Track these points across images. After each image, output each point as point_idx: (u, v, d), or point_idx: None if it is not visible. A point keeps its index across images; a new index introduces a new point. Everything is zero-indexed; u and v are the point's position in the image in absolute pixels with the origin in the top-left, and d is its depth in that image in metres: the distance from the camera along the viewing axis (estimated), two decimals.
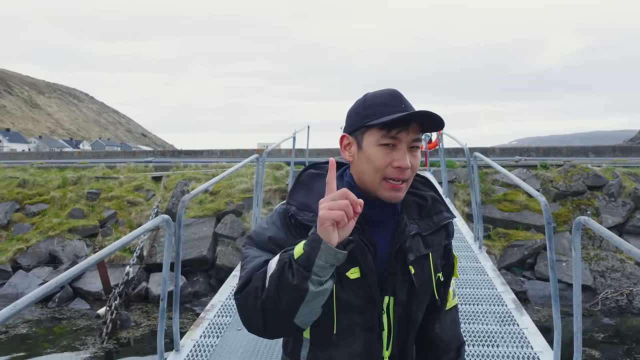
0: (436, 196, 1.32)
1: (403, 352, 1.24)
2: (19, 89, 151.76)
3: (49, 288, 1.85)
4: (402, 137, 1.16)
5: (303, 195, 1.24)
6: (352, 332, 1.19)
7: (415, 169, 1.21)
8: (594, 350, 6.55)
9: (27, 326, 7.65)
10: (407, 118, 1.15)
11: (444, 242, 1.30)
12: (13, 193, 11.66)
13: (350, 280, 1.16)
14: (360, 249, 1.16)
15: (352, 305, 1.18)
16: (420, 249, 1.23)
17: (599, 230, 2.29)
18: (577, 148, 15.79)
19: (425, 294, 1.26)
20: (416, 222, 1.25)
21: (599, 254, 9.06)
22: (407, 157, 1.16)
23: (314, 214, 1.15)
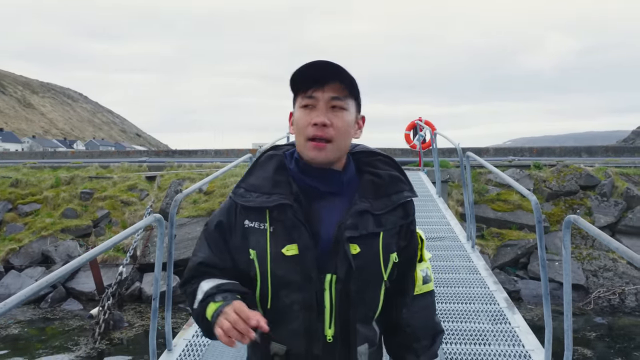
0: (397, 175, 1.30)
1: (346, 332, 1.22)
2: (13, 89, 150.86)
3: (40, 287, 1.84)
4: (318, 96, 1.20)
5: (255, 177, 1.28)
6: (291, 310, 1.21)
7: (341, 129, 1.20)
8: (586, 349, 6.59)
9: (19, 327, 7.60)
10: (304, 71, 1.18)
11: (400, 222, 1.27)
12: (5, 193, 11.59)
13: (286, 257, 1.19)
14: (295, 226, 1.20)
15: (291, 282, 1.20)
16: (368, 227, 1.21)
17: (588, 228, 2.31)
18: (570, 148, 15.88)
19: (373, 275, 1.23)
20: (369, 201, 1.24)
21: (592, 254, 9.11)
22: (325, 115, 1.19)
23: (259, 194, 1.23)
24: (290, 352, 1.22)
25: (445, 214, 6.73)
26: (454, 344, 3.33)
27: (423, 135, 11.34)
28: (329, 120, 1.19)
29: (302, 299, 1.20)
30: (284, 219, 1.20)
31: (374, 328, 1.29)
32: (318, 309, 1.20)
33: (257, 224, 1.22)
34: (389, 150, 15.29)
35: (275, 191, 1.23)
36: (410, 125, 12.33)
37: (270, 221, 1.21)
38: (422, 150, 11.34)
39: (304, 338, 1.21)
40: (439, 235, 5.83)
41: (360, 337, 1.24)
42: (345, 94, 1.21)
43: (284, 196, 1.21)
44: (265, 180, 1.25)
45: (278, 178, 1.25)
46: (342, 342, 1.22)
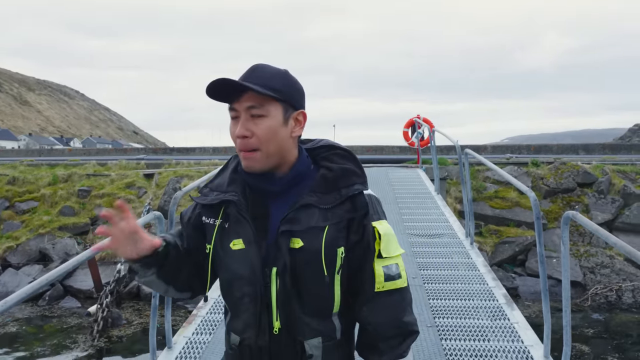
0: (351, 168, 1.29)
1: (292, 325, 1.24)
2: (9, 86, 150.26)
3: (39, 285, 1.84)
4: (237, 107, 1.22)
5: (220, 177, 1.35)
6: (243, 302, 1.26)
7: (263, 136, 1.21)
8: (583, 345, 6.62)
9: (17, 325, 7.59)
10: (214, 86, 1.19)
11: (348, 216, 1.23)
12: (2, 190, 11.56)
13: (234, 251, 1.25)
14: (238, 222, 1.25)
15: (241, 275, 1.25)
16: (311, 221, 1.21)
17: (586, 224, 2.32)
18: (567, 146, 15.92)
19: (312, 268, 1.22)
20: (317, 195, 1.24)
21: (589, 250, 9.14)
22: (243, 127, 1.21)
23: (218, 192, 1.30)
24: (243, 342, 1.28)
25: (444, 211, 6.74)
26: (453, 340, 3.34)
27: (421, 133, 11.34)
28: (249, 131, 1.21)
29: (250, 291, 1.24)
30: (231, 214, 1.27)
31: (332, 322, 1.27)
32: (265, 301, 1.23)
33: (212, 220, 1.30)
34: (386, 148, 15.30)
35: (229, 189, 1.29)
36: (409, 123, 12.33)
37: (223, 217, 1.28)
38: (420, 147, 11.34)
39: (253, 329, 1.25)
40: (437, 232, 5.84)
41: (310, 330, 1.24)
42: (264, 100, 1.20)
43: (234, 193, 1.27)
44: (224, 180, 1.32)
45: (234, 177, 1.32)
46: (287, 335, 1.24)
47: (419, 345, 3.24)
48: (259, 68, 1.24)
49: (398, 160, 12.61)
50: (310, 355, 1.25)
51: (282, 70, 1.27)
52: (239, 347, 1.28)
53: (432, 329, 3.48)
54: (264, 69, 1.24)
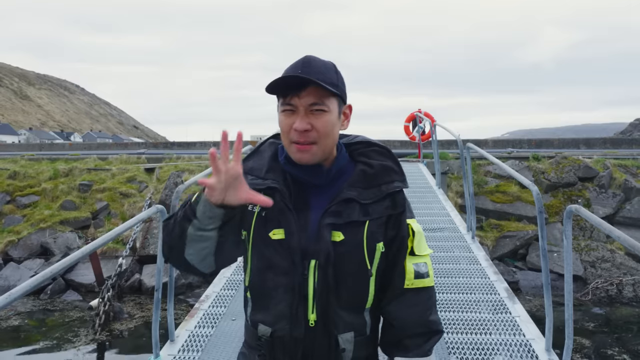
0: (390, 165, 1.30)
1: (327, 318, 1.23)
2: (9, 80, 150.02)
3: (43, 278, 1.85)
4: (295, 102, 1.20)
5: (254, 161, 1.33)
6: (277, 293, 1.24)
7: (322, 130, 1.21)
8: (584, 339, 6.63)
9: (19, 318, 7.62)
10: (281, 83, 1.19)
11: (387, 212, 1.25)
12: (4, 185, 11.56)
13: (273, 240, 1.22)
14: (282, 211, 1.22)
15: (277, 265, 1.23)
16: (352, 215, 1.22)
17: (589, 218, 2.31)
18: (568, 140, 15.90)
19: (357, 263, 1.23)
20: (358, 190, 1.25)
21: (590, 245, 9.15)
22: (304, 120, 1.19)
23: (254, 177, 1.27)
24: (275, 334, 1.24)
25: (445, 205, 6.75)
26: (455, 333, 3.35)
27: (422, 127, 11.33)
28: (310, 124, 1.20)
29: (286, 282, 1.22)
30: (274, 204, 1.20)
31: (364, 317, 1.28)
32: (301, 293, 1.22)
33: (251, 206, 1.25)
34: (388, 142, 15.29)
35: (268, 176, 1.27)
36: (410, 117, 12.31)
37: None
38: (421, 142, 11.33)
39: (288, 321, 1.23)
40: (439, 226, 5.85)
41: (344, 324, 1.24)
42: (324, 97, 1.21)
43: (276, 181, 1.25)
44: (262, 165, 1.30)
45: (273, 164, 1.30)
46: (323, 327, 1.23)
47: None
48: (312, 61, 1.22)
49: (399, 155, 12.60)
50: (343, 349, 1.25)
51: (331, 63, 1.26)
52: (271, 338, 1.25)
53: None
54: (318, 62, 1.22)
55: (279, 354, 1.25)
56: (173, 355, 3.13)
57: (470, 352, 3.10)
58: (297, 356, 1.24)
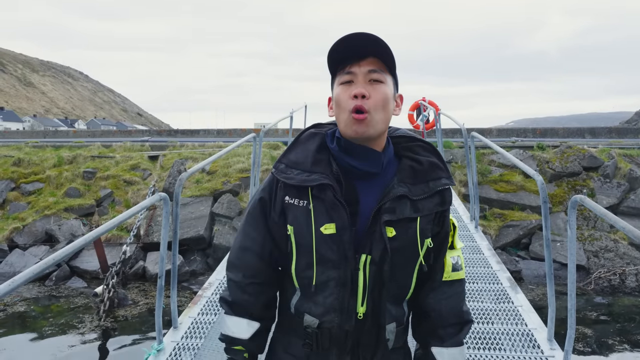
0: (436, 162, 1.31)
1: (377, 310, 1.26)
2: (13, 67, 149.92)
3: (46, 264, 1.85)
4: (355, 70, 1.21)
5: (296, 154, 1.30)
6: (327, 286, 1.25)
7: (378, 101, 1.21)
8: (586, 328, 6.65)
9: (25, 304, 7.69)
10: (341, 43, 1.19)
11: (436, 209, 1.28)
12: (8, 172, 11.60)
13: (324, 235, 1.23)
14: (334, 206, 1.22)
15: (328, 259, 1.24)
16: (405, 212, 1.23)
17: (594, 208, 2.30)
18: (573, 129, 15.78)
19: (407, 258, 1.27)
20: (407, 186, 1.25)
21: (593, 234, 9.13)
22: (363, 87, 1.20)
23: (300, 171, 1.26)
24: (322, 325, 1.26)
25: None
26: None
27: (427, 116, 11.27)
28: (368, 93, 1.20)
29: (337, 276, 1.24)
30: (324, 198, 1.23)
31: (403, 308, 1.32)
32: (352, 286, 1.24)
33: (297, 200, 1.26)
34: None
35: (315, 169, 1.25)
36: (414, 106, 12.25)
37: (313, 199, 1.25)
38: (425, 130, 11.27)
39: (338, 313, 1.25)
40: None
41: (390, 316, 1.28)
42: (382, 67, 1.22)
43: (325, 175, 1.24)
44: (306, 157, 1.28)
45: (319, 156, 1.28)
46: (372, 320, 1.26)
47: None
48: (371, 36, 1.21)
49: None
50: (387, 339, 1.29)
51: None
52: (319, 330, 1.26)
53: None
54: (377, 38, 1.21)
55: (326, 344, 1.27)
56: (176, 341, 3.15)
57: (473, 341, 3.11)
58: (346, 347, 1.27)
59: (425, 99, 11.69)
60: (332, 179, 1.23)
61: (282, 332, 1.36)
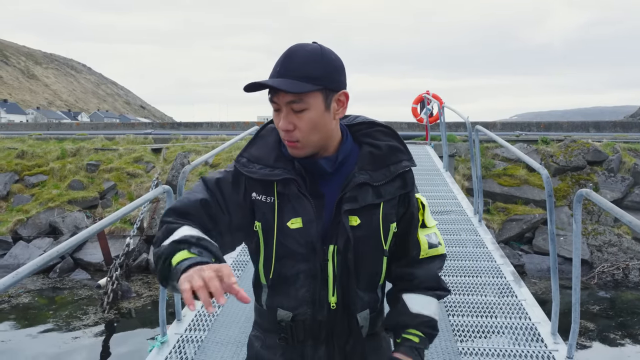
0: (396, 145, 1.30)
1: (348, 299, 1.27)
2: (16, 59, 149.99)
3: (50, 257, 1.85)
4: (278, 100, 1.19)
5: (257, 148, 1.30)
6: (298, 279, 1.26)
7: (305, 129, 1.19)
8: (589, 322, 6.65)
9: (29, 296, 7.73)
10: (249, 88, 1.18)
11: (399, 192, 1.29)
12: (12, 164, 11.63)
13: (291, 229, 1.23)
14: (299, 200, 1.23)
15: (297, 253, 1.24)
16: (367, 199, 1.24)
17: (600, 202, 2.28)
18: (578, 123, 15.71)
19: (373, 244, 1.27)
20: (368, 172, 1.25)
21: (597, 229, 9.11)
22: (286, 120, 1.18)
23: (262, 166, 1.25)
24: (296, 318, 1.27)
25: (452, 188, 6.72)
26: (461, 316, 3.35)
27: (430, 109, 11.23)
28: (292, 124, 1.19)
29: (307, 268, 1.25)
30: (288, 193, 1.24)
31: (377, 294, 1.33)
32: (322, 278, 1.25)
33: (264, 197, 1.25)
34: (395, 124, 15.19)
35: (278, 165, 1.25)
36: (418, 99, 12.20)
37: (278, 194, 1.25)
38: (429, 124, 11.23)
39: (310, 305, 1.26)
40: (446, 209, 5.83)
41: (362, 303, 1.29)
42: (302, 95, 1.17)
43: (287, 170, 1.24)
44: (268, 153, 1.28)
45: (279, 152, 1.27)
46: (344, 309, 1.27)
47: None
48: (293, 55, 1.19)
49: (406, 137, 12.52)
50: (361, 326, 1.30)
51: (317, 50, 1.20)
52: (292, 322, 1.27)
53: (440, 304, 3.49)
54: (299, 55, 1.18)
55: (300, 336, 1.28)
56: (180, 334, 3.16)
57: (476, 335, 3.11)
58: (320, 337, 1.28)
59: (429, 92, 11.64)
60: (295, 173, 1.24)
61: (257, 329, 1.37)
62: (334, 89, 1.22)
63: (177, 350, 2.98)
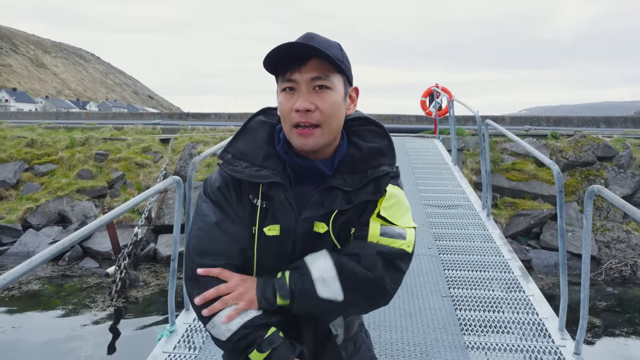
0: (379, 147, 1.19)
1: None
2: (25, 48, 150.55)
3: (62, 245, 1.88)
4: (297, 77, 1.10)
5: (244, 143, 1.20)
6: None
7: (327, 111, 1.10)
8: (596, 318, 6.63)
9: (39, 283, 7.82)
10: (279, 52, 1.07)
11: (368, 197, 1.14)
12: (22, 153, 11.72)
13: (267, 236, 1.15)
14: (283, 207, 1.14)
15: (269, 260, 1.17)
16: (334, 205, 1.13)
17: (612, 199, 2.27)
18: (588, 118, 15.57)
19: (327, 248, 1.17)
20: (343, 177, 1.15)
21: (605, 225, 9.06)
22: (307, 99, 1.09)
23: (249, 164, 1.16)
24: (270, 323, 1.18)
25: (461, 182, 6.69)
26: (468, 310, 3.35)
27: (439, 102, 11.16)
28: (313, 104, 1.09)
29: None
30: (274, 197, 1.15)
31: None
32: None
33: (255, 199, 1.17)
34: (403, 117, 15.13)
35: (265, 164, 1.16)
36: (427, 92, 12.13)
37: (263, 197, 1.16)
38: (438, 117, 11.18)
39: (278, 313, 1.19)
40: (454, 203, 5.81)
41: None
42: (329, 71, 1.10)
43: (275, 172, 1.15)
44: (256, 149, 1.19)
45: (269, 150, 1.19)
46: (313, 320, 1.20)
47: (433, 314, 3.26)
48: (315, 36, 1.12)
49: (415, 130, 12.47)
50: (335, 334, 1.23)
51: (336, 42, 1.15)
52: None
53: (447, 299, 3.50)
54: (320, 38, 1.12)
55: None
56: (188, 323, 3.19)
57: (483, 330, 3.11)
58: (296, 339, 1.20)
59: (438, 85, 11.57)
60: (283, 175, 1.15)
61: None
62: (350, 81, 1.18)
63: (186, 340, 3.01)
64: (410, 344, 2.92)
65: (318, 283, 1.11)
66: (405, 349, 2.87)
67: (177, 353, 2.87)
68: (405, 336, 3.00)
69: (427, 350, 2.86)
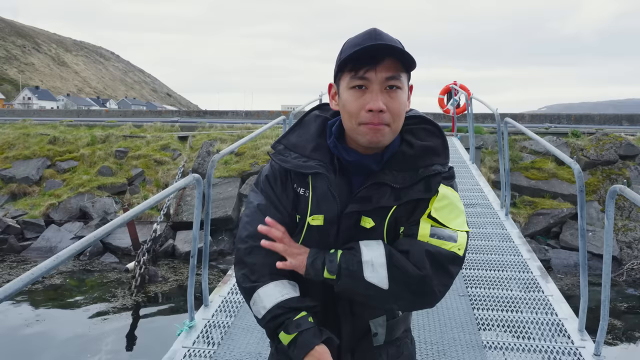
0: (432, 146, 1.19)
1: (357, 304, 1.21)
2: (47, 47, 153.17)
3: (87, 241, 1.92)
4: (371, 76, 1.09)
5: (297, 135, 1.24)
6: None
7: (397, 112, 1.11)
8: (616, 319, 6.52)
9: (61, 277, 7.98)
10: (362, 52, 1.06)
11: (419, 196, 1.14)
12: (44, 150, 11.96)
13: (311, 226, 1.19)
14: (326, 197, 1.17)
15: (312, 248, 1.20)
16: (381, 201, 1.14)
17: (635, 199, 2.24)
18: (610, 116, 15.28)
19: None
20: (393, 173, 1.15)
21: (627, 225, 8.90)
22: (380, 99, 1.08)
23: (297, 155, 1.20)
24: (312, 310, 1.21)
25: (479, 181, 6.64)
26: (486, 309, 3.34)
27: (457, 100, 11.07)
28: (385, 105, 1.09)
29: None
30: (317, 188, 1.18)
31: None
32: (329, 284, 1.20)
33: (302, 189, 1.21)
34: None
35: (313, 156, 1.19)
36: (445, 89, 12.05)
37: (312, 188, 1.20)
38: (456, 115, 11.09)
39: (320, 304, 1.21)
40: (472, 202, 5.77)
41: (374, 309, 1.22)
42: (400, 70, 1.10)
43: (322, 163, 1.18)
44: (306, 141, 1.22)
45: (319, 142, 1.21)
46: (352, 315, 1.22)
47: (450, 313, 3.26)
48: (383, 34, 1.10)
49: None
50: (375, 333, 1.23)
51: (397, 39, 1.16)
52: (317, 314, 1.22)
53: (465, 298, 3.49)
54: (389, 35, 1.11)
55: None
56: (207, 319, 3.23)
57: (501, 330, 3.09)
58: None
59: (456, 82, 11.48)
60: (328, 167, 1.17)
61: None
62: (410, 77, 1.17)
63: (205, 335, 3.05)
64: (427, 343, 2.92)
65: (367, 266, 1.11)
66: (422, 348, 2.87)
67: (196, 348, 2.91)
68: (423, 335, 3.01)
69: (444, 349, 2.86)
